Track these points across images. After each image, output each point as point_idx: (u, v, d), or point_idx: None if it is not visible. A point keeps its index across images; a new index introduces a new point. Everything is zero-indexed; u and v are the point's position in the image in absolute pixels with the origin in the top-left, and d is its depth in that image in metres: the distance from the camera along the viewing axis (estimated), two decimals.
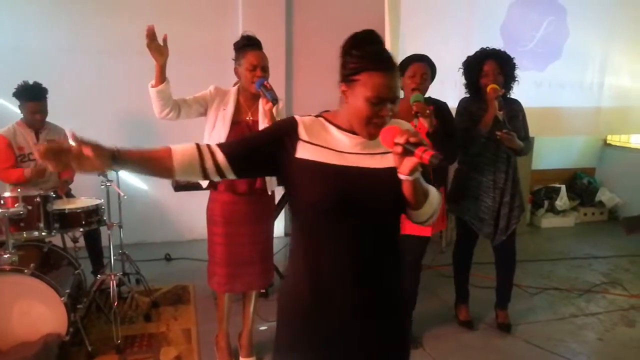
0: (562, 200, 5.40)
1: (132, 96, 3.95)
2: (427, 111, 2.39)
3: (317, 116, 1.41)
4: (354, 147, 1.33)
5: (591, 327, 3.14)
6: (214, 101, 2.38)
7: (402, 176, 1.20)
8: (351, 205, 1.27)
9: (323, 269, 1.31)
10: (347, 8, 4.71)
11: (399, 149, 1.16)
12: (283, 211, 4.28)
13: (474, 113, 2.79)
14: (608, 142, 5.68)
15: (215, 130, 2.35)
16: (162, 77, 2.26)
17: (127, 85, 4.06)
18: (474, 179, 2.86)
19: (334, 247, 1.30)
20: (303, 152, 1.32)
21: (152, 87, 2.28)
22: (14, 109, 3.29)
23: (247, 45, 2.35)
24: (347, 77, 1.30)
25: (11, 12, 4.02)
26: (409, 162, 1.16)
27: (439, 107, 2.58)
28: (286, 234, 4.78)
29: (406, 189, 1.25)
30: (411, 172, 1.18)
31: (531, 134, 3.71)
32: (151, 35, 2.17)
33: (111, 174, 3.12)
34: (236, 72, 2.40)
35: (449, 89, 3.98)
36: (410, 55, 2.62)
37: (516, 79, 2.86)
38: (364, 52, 1.29)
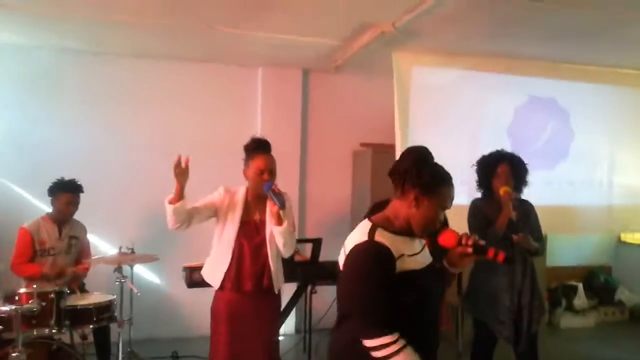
0: (581, 299, 5.24)
1: (148, 190, 4.11)
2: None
3: (373, 227, 1.56)
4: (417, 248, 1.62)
5: None
6: (224, 203, 2.45)
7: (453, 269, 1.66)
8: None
9: None
10: (359, 114, 5.00)
11: (470, 249, 1.57)
12: (294, 309, 4.21)
13: (488, 214, 2.83)
14: (622, 239, 5.63)
15: (225, 232, 2.41)
16: (180, 196, 2.35)
17: (150, 179, 4.21)
18: (491, 280, 2.81)
19: None
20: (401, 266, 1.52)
21: (170, 203, 2.34)
22: (39, 205, 3.42)
23: (256, 148, 2.46)
24: (430, 188, 1.54)
25: (47, 111, 4.29)
26: (469, 259, 1.61)
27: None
28: (297, 331, 4.65)
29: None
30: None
31: (544, 232, 3.73)
32: (179, 163, 2.33)
33: (126, 270, 3.16)
34: (245, 174, 2.49)
35: (457, 187, 4.10)
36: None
37: (527, 182, 2.93)
38: (439, 170, 1.60)
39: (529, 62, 4.31)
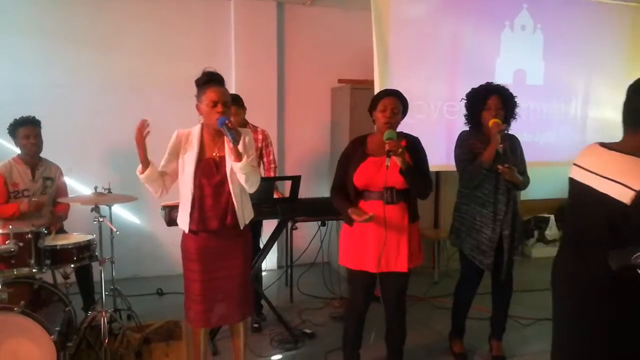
0: (552, 230, 5.47)
1: (123, 131, 4.02)
2: (400, 149, 2.36)
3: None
4: None
5: None
6: (181, 145, 2.38)
7: None
8: None
9: None
10: (337, 49, 4.87)
11: None
12: (276, 244, 4.30)
13: (475, 146, 2.83)
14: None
15: (184, 173, 2.37)
16: (146, 163, 2.30)
17: (118, 120, 4.15)
18: (475, 211, 2.87)
19: None
20: None
21: (140, 173, 2.31)
22: (12, 147, 3.34)
23: (208, 81, 2.35)
24: None
25: (5, 50, 4.10)
26: None
27: (411, 142, 2.57)
28: (279, 267, 4.77)
29: None
30: None
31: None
32: (141, 130, 2.25)
33: (104, 210, 3.14)
34: (198, 109, 2.38)
35: (436, 123, 4.11)
36: (382, 90, 2.65)
37: (516, 116, 2.93)
38: None
39: None
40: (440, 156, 4.04)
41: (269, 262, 4.63)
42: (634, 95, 1.68)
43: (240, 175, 2.33)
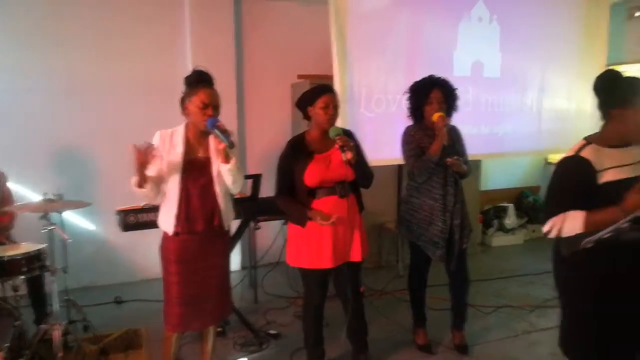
0: (511, 219, 5.59)
1: (72, 134, 3.91)
2: (351, 143, 2.41)
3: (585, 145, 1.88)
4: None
5: (543, 343, 3.22)
6: (165, 147, 2.31)
7: None
8: None
9: None
10: (297, 43, 4.81)
11: None
12: (239, 244, 4.23)
13: (421, 140, 2.87)
14: (549, 161, 5.97)
15: (169, 175, 2.29)
16: (145, 180, 2.21)
17: (66, 122, 4.01)
18: (425, 204, 2.91)
19: None
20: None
21: (138, 187, 2.22)
22: None
23: (199, 81, 2.30)
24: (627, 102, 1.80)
25: None
26: None
27: (349, 134, 2.59)
28: (243, 267, 4.70)
29: None
30: None
31: (478, 157, 3.80)
32: (145, 154, 2.16)
33: (55, 217, 2.99)
34: (185, 109, 2.33)
35: (396, 116, 4.11)
36: (319, 87, 2.57)
37: (457, 109, 2.97)
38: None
39: None
40: (399, 149, 4.06)
41: (233, 264, 4.52)
42: (595, 92, 1.91)
43: (228, 177, 2.31)
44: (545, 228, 1.85)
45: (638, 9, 4.93)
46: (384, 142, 3.86)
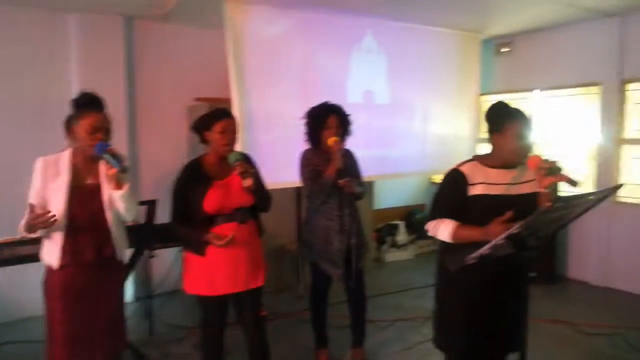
0: (402, 236, 5.96)
1: None
2: (252, 169, 2.42)
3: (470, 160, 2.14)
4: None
5: (436, 353, 3.42)
6: (47, 176, 2.15)
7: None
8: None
9: None
10: (193, 66, 4.74)
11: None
12: (132, 275, 3.99)
13: (318, 164, 2.98)
14: (433, 180, 6.48)
15: (53, 204, 2.13)
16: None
17: None
18: (324, 224, 3.01)
19: None
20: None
21: (27, 233, 2.10)
22: None
23: (88, 104, 2.19)
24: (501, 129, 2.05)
25: None
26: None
27: (248, 159, 2.58)
28: (136, 299, 4.43)
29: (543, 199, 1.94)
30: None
31: (371, 178, 3.99)
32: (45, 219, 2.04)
33: None
34: (73, 132, 2.20)
35: (294, 140, 4.21)
36: (217, 111, 2.54)
37: (351, 133, 3.13)
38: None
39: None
40: (298, 172, 4.15)
41: (125, 295, 4.28)
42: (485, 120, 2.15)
43: (120, 204, 2.20)
44: (426, 227, 2.15)
45: (504, 45, 5.60)
46: (282, 165, 3.93)
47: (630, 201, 4.64)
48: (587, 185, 4.95)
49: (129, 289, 4.41)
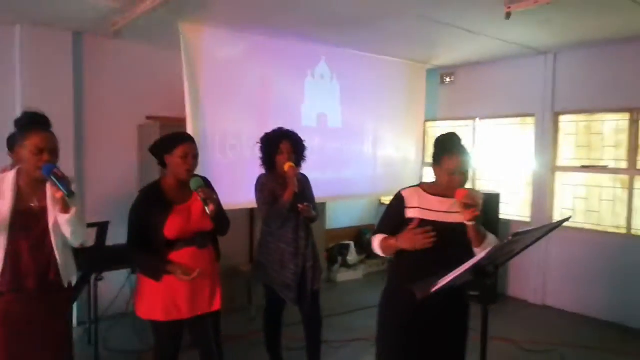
0: (352, 255, 6.07)
1: None
2: (214, 195, 2.42)
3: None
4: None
5: None
6: None
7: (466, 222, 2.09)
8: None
9: None
10: (145, 84, 4.67)
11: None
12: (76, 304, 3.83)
13: (273, 188, 3.02)
14: (382, 202, 6.67)
15: None
16: None
17: None
18: (279, 248, 3.04)
19: None
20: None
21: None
22: None
23: (33, 124, 2.12)
24: (437, 160, 2.22)
25: None
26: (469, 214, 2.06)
27: (207, 182, 2.57)
28: (80, 323, 4.24)
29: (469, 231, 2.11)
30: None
31: (324, 200, 4.07)
32: None
33: None
34: (17, 153, 2.13)
35: (249, 161, 4.25)
36: (178, 134, 2.53)
37: (305, 158, 3.19)
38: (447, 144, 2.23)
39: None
40: (253, 194, 4.18)
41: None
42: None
43: (67, 228, 2.12)
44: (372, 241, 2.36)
45: (448, 75, 5.93)
46: (238, 187, 3.94)
47: (564, 225, 4.98)
48: (524, 209, 5.30)
49: (73, 313, 4.21)
